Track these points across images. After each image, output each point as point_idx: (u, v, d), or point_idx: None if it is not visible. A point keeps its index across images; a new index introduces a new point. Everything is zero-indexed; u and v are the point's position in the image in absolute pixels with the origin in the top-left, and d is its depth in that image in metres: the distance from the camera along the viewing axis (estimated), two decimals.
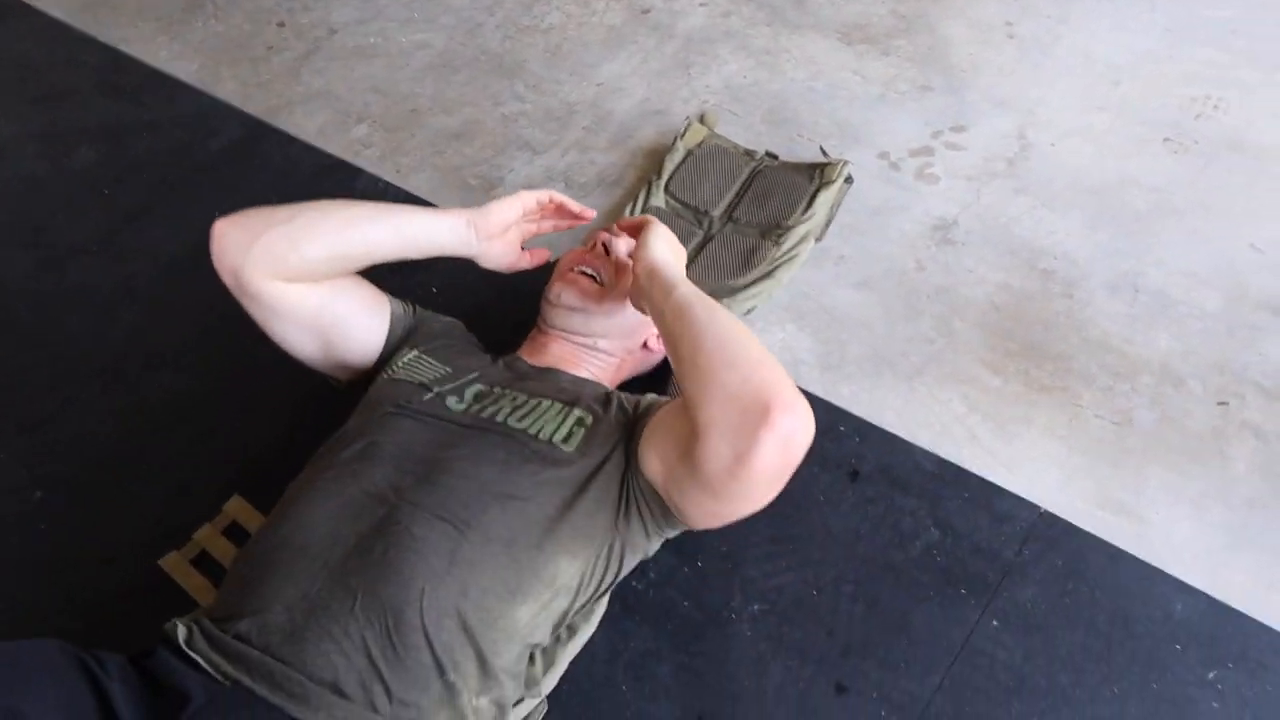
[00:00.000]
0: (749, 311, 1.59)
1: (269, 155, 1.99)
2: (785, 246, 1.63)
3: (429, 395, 1.26)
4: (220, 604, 1.12)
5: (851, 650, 1.27)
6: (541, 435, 1.19)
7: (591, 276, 1.37)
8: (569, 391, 1.28)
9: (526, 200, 1.37)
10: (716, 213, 1.71)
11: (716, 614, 1.31)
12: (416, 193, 1.85)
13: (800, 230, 1.64)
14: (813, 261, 1.66)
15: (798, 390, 1.01)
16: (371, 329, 1.38)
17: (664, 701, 1.25)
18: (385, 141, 1.97)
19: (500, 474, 1.15)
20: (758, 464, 1.00)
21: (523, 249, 1.41)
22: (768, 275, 1.60)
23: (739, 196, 1.72)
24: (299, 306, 1.30)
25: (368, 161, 1.93)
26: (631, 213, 1.72)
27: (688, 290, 1.17)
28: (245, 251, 1.23)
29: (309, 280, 1.29)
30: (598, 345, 1.38)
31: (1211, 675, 1.20)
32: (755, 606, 1.31)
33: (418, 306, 1.45)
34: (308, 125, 2.02)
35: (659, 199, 1.73)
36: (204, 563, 1.43)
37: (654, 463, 1.16)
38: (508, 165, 1.88)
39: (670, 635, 1.30)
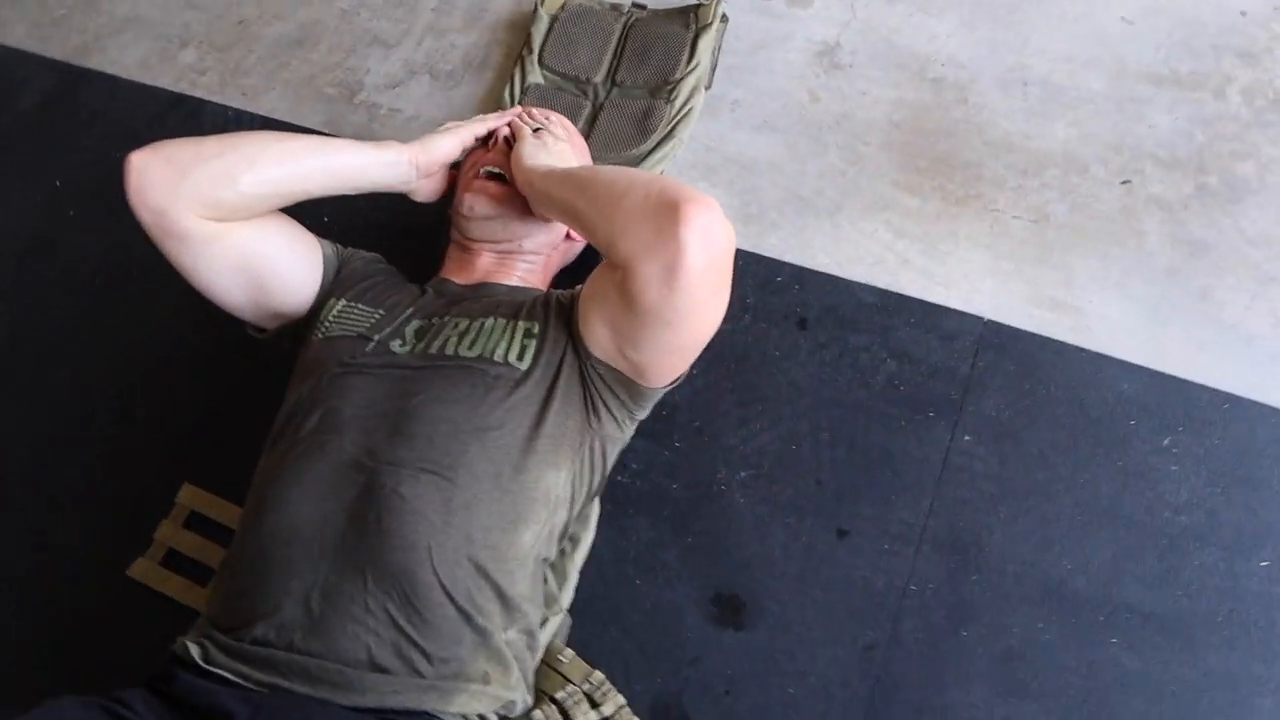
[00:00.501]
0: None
1: (92, 103, 1.74)
2: (678, 103, 1.56)
3: (371, 345, 1.17)
4: (225, 612, 1.05)
5: (843, 494, 1.30)
6: (496, 357, 1.13)
7: (498, 177, 1.28)
8: (507, 305, 1.22)
9: (465, 137, 1.29)
10: (599, 78, 1.61)
11: (707, 489, 1.32)
12: (272, 115, 1.67)
13: (689, 82, 1.57)
14: (707, 111, 1.60)
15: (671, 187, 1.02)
16: (304, 270, 1.26)
17: (679, 585, 1.27)
18: (220, 64, 1.75)
19: (468, 410, 1.10)
20: (688, 265, 0.99)
21: None
22: (668, 136, 1.53)
23: (617, 57, 1.63)
24: (230, 248, 1.17)
25: (207, 90, 1.72)
26: (510, 95, 1.61)
27: (563, 168, 1.20)
28: (173, 189, 1.11)
29: (240, 219, 1.17)
30: (523, 247, 1.30)
31: (1166, 442, 1.29)
32: (742, 474, 1.32)
33: (339, 245, 1.34)
34: (126, 60, 1.77)
35: (535, 74, 1.62)
36: (174, 560, 1.35)
37: (599, 331, 1.12)
38: (361, 66, 1.71)
39: (668, 521, 1.30)
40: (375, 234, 1.56)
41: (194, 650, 1.03)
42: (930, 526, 1.27)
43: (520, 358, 1.14)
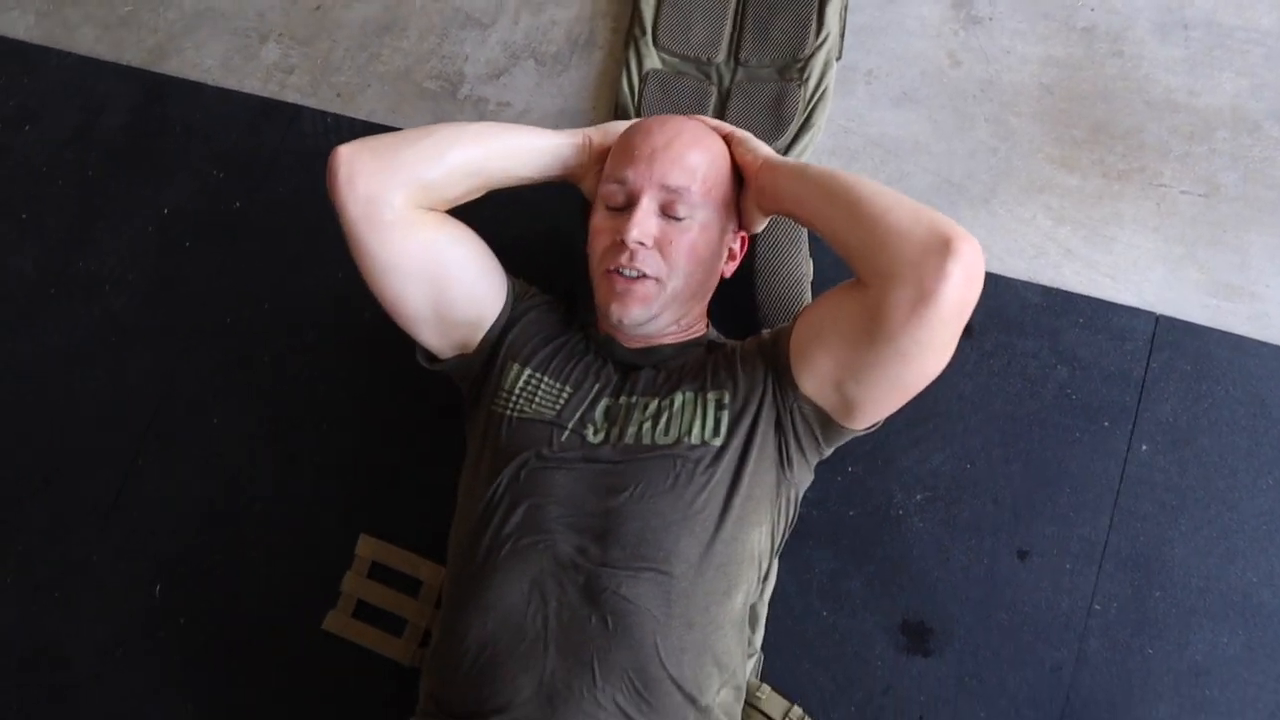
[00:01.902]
0: None
1: (183, 116, 1.65)
2: (811, 83, 1.45)
3: (565, 434, 1.16)
4: (455, 698, 1.11)
5: (1020, 513, 1.31)
6: (693, 439, 1.13)
7: (642, 276, 1.17)
8: (689, 372, 1.20)
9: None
10: (720, 58, 1.49)
11: (885, 515, 1.33)
12: (373, 118, 1.58)
13: (820, 57, 1.46)
14: (840, 85, 1.50)
15: (935, 214, 1.02)
16: (488, 285, 1.25)
17: (865, 614, 1.30)
18: (306, 60, 1.64)
19: (673, 500, 1.11)
20: (946, 298, 0.97)
21: None
22: (806, 125, 1.44)
23: (737, 29, 1.50)
24: (428, 243, 1.19)
25: (299, 93, 1.62)
26: (628, 83, 1.50)
27: (815, 164, 1.15)
28: (384, 174, 1.15)
29: (445, 202, 1.21)
30: (681, 325, 1.25)
31: None
32: (918, 496, 1.33)
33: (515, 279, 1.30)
34: (206, 62, 1.66)
35: (652, 58, 1.50)
36: (362, 611, 1.41)
37: (819, 362, 1.10)
38: (458, 53, 1.59)
39: (849, 549, 1.32)
40: (504, 246, 1.52)
41: None
42: (1111, 542, 1.28)
43: (715, 433, 1.13)
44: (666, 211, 1.17)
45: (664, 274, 1.17)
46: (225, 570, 1.47)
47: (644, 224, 1.15)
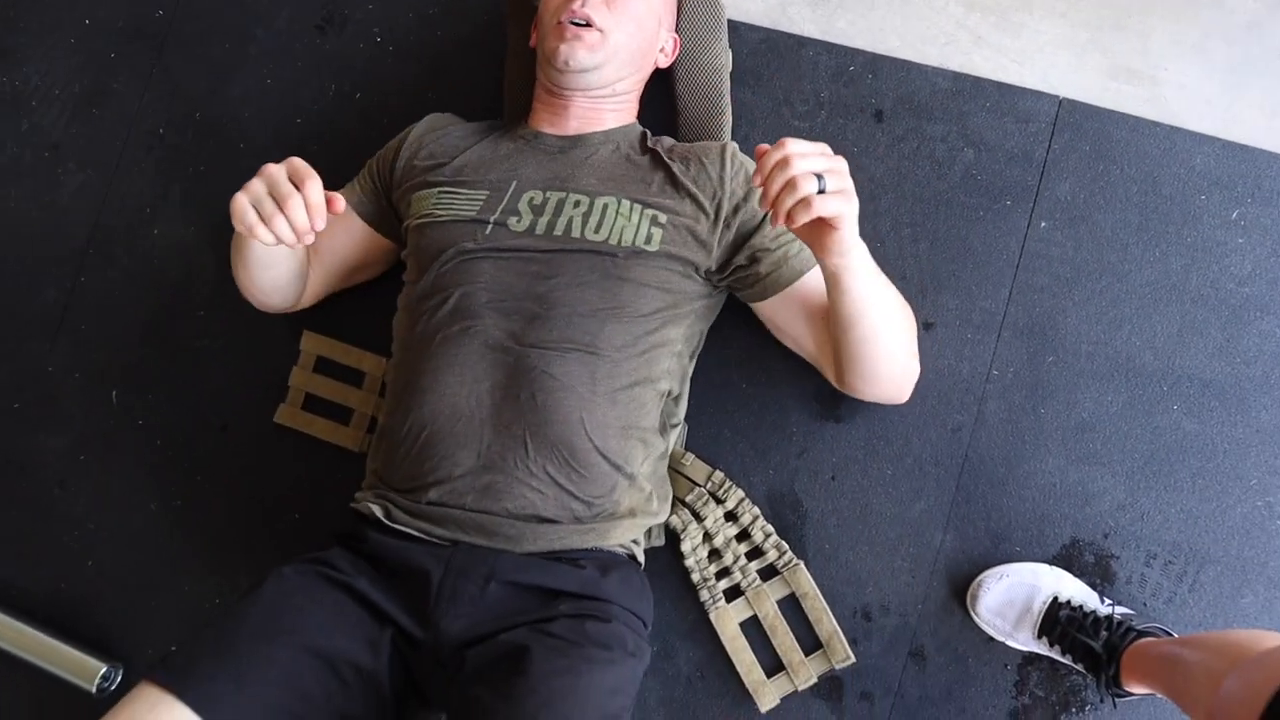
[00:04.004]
0: None
1: None
2: None
3: (489, 228, 1.21)
4: (399, 476, 1.20)
5: (927, 288, 1.39)
6: (623, 242, 1.19)
7: (587, 25, 1.23)
8: (621, 178, 1.25)
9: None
10: None
11: None
12: None
13: None
14: None
15: (918, 358, 1.28)
16: (364, 244, 1.39)
17: (781, 385, 1.39)
18: None
19: (602, 292, 1.18)
20: (883, 403, 1.34)
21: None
22: None
23: None
24: (320, 290, 1.42)
25: None
26: None
27: (872, 278, 1.16)
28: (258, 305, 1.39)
29: (303, 289, 1.38)
30: (616, 90, 1.30)
31: (1235, 215, 1.36)
32: None
33: (380, 162, 1.37)
34: None
35: None
36: (311, 403, 1.49)
37: (777, 324, 1.31)
38: None
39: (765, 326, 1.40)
40: (430, 50, 1.53)
41: (377, 510, 1.19)
42: (1010, 313, 1.37)
43: (648, 242, 1.20)
44: None
45: (610, 25, 1.24)
46: (177, 374, 1.53)
47: None
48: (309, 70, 1.56)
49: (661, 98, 1.41)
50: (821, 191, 0.97)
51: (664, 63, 1.36)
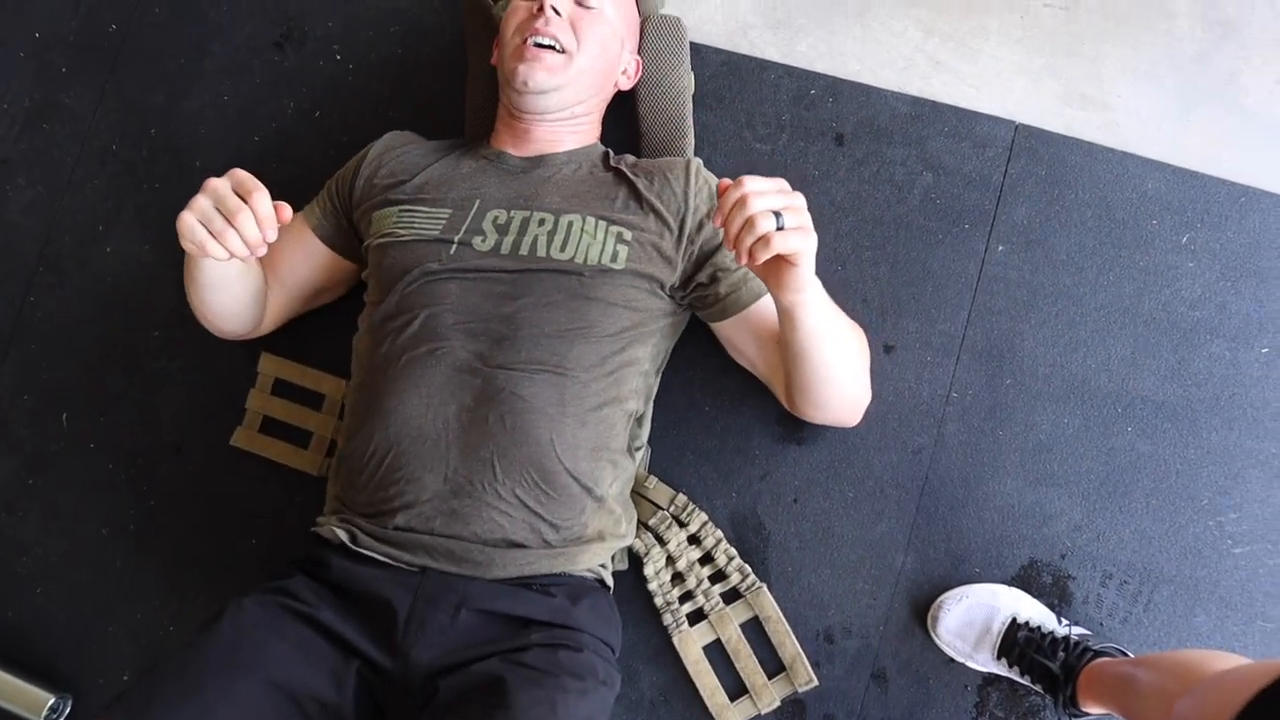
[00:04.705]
0: None
1: None
2: None
3: (453, 248, 1.21)
4: (363, 501, 1.18)
5: (886, 311, 1.40)
6: (589, 261, 1.18)
7: (549, 47, 1.23)
8: (585, 195, 1.25)
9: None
10: None
11: None
12: None
13: None
14: None
15: (869, 385, 1.30)
16: (324, 266, 1.38)
17: (745, 408, 1.39)
18: None
19: (569, 313, 1.18)
20: (831, 426, 1.36)
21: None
22: None
23: None
24: (281, 315, 1.40)
25: None
26: None
27: (825, 311, 1.17)
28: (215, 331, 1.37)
29: (265, 314, 1.36)
30: (575, 112, 1.29)
31: (1185, 240, 1.39)
32: None
33: (339, 182, 1.36)
34: None
35: None
36: (269, 426, 1.46)
37: (731, 336, 1.30)
38: None
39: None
40: (391, 68, 1.52)
41: (343, 534, 1.17)
42: (968, 336, 1.39)
43: (614, 260, 1.19)
44: (579, 1, 1.27)
45: (573, 47, 1.24)
46: (131, 396, 1.50)
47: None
48: (267, 87, 1.54)
49: (624, 119, 1.41)
50: (780, 229, 0.97)
51: (626, 85, 1.37)
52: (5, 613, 1.47)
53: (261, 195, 1.02)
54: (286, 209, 1.04)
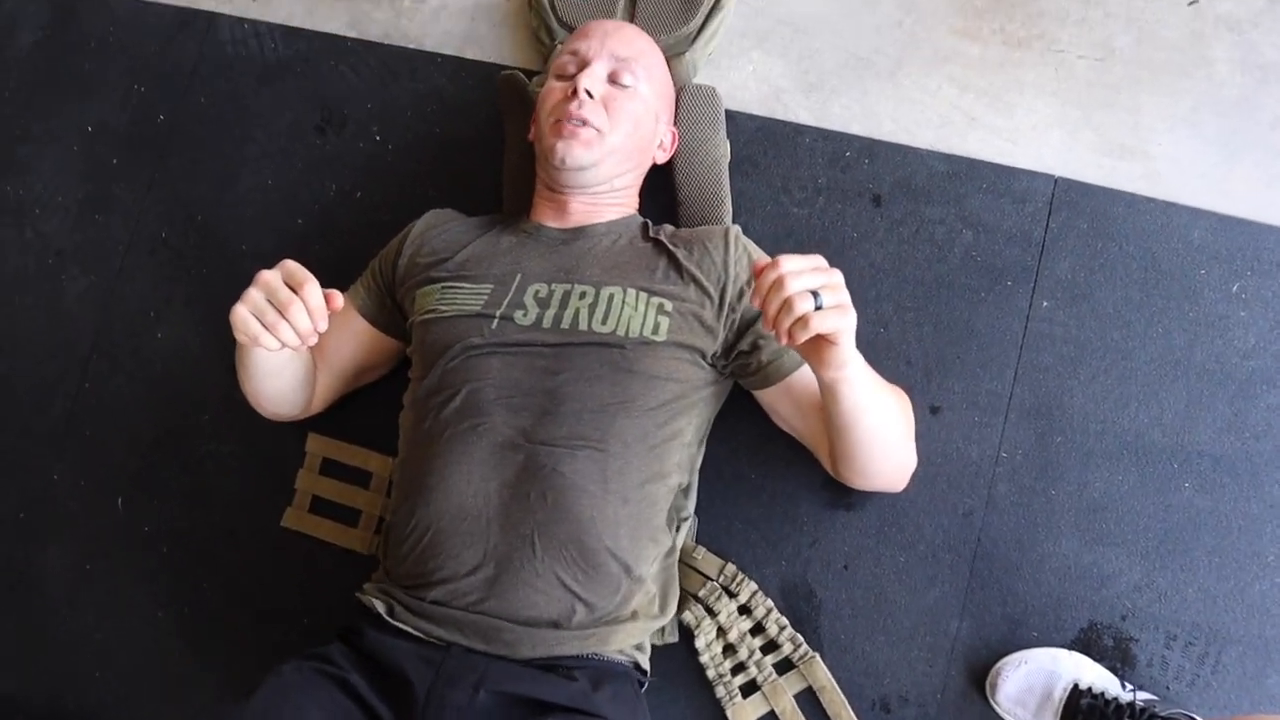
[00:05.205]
0: (711, 54, 1.49)
1: (99, 31, 1.64)
2: None
3: (495, 323, 1.22)
4: (404, 573, 1.19)
5: (931, 371, 1.39)
6: (631, 334, 1.19)
7: (586, 124, 1.25)
8: (624, 259, 1.26)
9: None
10: None
11: None
12: (290, 21, 1.58)
13: None
14: None
15: (914, 450, 1.28)
16: (370, 345, 1.39)
17: (789, 474, 1.38)
18: None
19: (611, 385, 1.18)
20: (878, 492, 1.34)
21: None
22: (716, 8, 1.46)
23: None
24: (329, 395, 1.42)
25: (214, 1, 1.61)
26: None
27: (867, 384, 1.15)
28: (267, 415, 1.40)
29: (311, 395, 1.38)
30: (614, 185, 1.31)
31: (1235, 288, 1.36)
32: None
33: (382, 261, 1.38)
34: None
35: None
36: (319, 505, 1.48)
37: (773, 404, 1.30)
38: None
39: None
40: (429, 146, 1.55)
41: (380, 605, 1.19)
42: (1016, 394, 1.37)
43: (655, 331, 1.20)
44: (613, 80, 1.29)
45: (606, 127, 1.26)
46: (183, 479, 1.52)
47: (594, 75, 1.27)
48: (309, 170, 1.57)
49: (662, 189, 1.42)
50: (819, 308, 0.97)
51: (662, 158, 1.38)
52: (64, 699, 1.49)
53: (312, 286, 1.04)
54: (338, 297, 1.06)
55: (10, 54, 1.66)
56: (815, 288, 0.98)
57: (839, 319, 0.99)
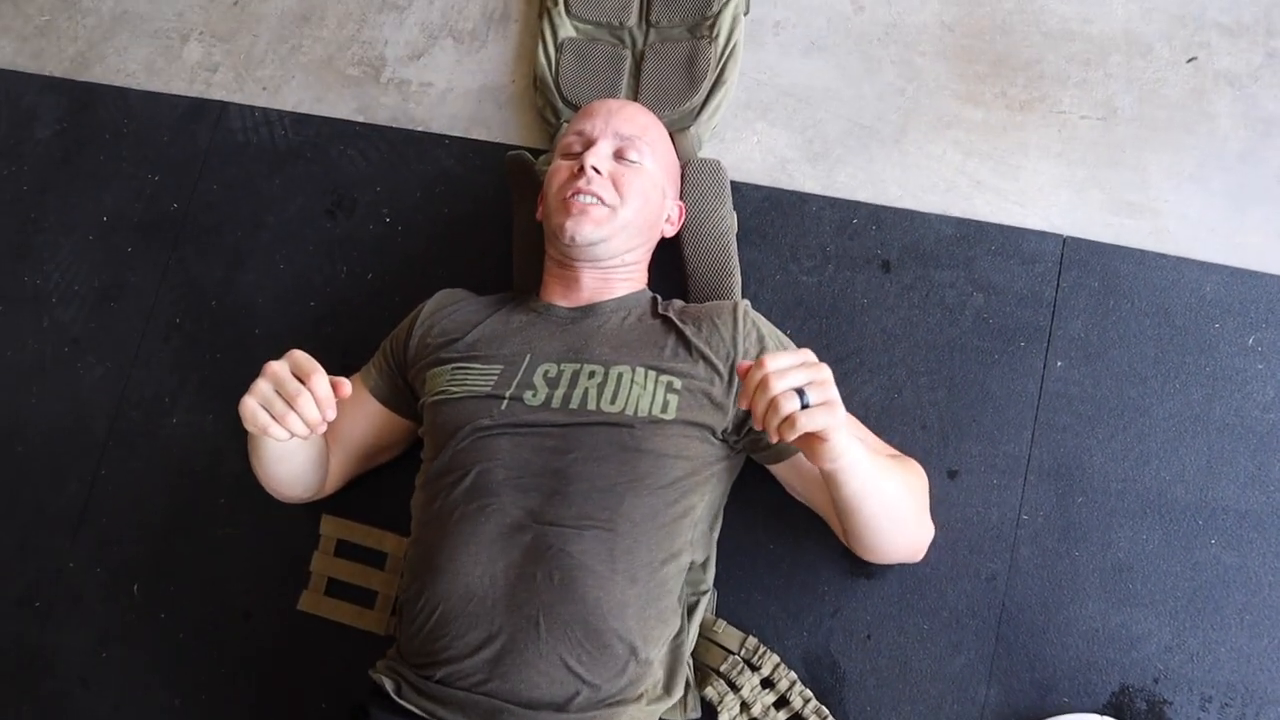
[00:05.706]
0: (715, 127, 1.51)
1: (114, 123, 1.67)
2: (721, 39, 1.49)
3: (504, 403, 1.22)
4: (412, 651, 1.19)
5: (948, 436, 1.38)
6: (640, 413, 1.19)
7: (596, 201, 1.27)
8: (632, 336, 1.26)
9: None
10: (632, 22, 1.53)
11: None
12: (299, 108, 1.61)
13: (729, 12, 1.50)
14: (750, 39, 1.54)
15: (928, 523, 1.27)
16: (382, 426, 1.40)
17: (808, 543, 1.37)
18: (229, 56, 1.66)
19: (619, 465, 1.17)
20: (895, 565, 1.32)
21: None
22: (719, 82, 1.49)
23: None
24: (343, 476, 1.42)
25: (224, 90, 1.64)
26: (545, 55, 1.54)
27: (868, 470, 1.12)
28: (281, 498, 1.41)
29: (324, 477, 1.38)
30: (625, 260, 1.32)
31: (1251, 341, 1.35)
32: None
33: (394, 342, 1.39)
34: (129, 66, 1.68)
35: (566, 27, 1.54)
36: (334, 587, 1.47)
37: (787, 478, 1.30)
38: (378, 37, 1.62)
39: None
40: (438, 227, 1.56)
41: (389, 684, 1.18)
42: (1034, 455, 1.36)
43: (664, 410, 1.20)
44: (619, 156, 1.31)
45: (616, 202, 1.27)
46: (199, 564, 1.52)
47: (600, 153, 1.29)
48: (321, 253, 1.59)
49: (671, 262, 1.43)
50: (806, 405, 0.97)
51: (670, 232, 1.39)
52: None
53: (319, 377, 1.05)
54: (345, 385, 1.07)
55: (28, 147, 1.69)
56: (801, 385, 0.98)
57: (826, 416, 0.99)
